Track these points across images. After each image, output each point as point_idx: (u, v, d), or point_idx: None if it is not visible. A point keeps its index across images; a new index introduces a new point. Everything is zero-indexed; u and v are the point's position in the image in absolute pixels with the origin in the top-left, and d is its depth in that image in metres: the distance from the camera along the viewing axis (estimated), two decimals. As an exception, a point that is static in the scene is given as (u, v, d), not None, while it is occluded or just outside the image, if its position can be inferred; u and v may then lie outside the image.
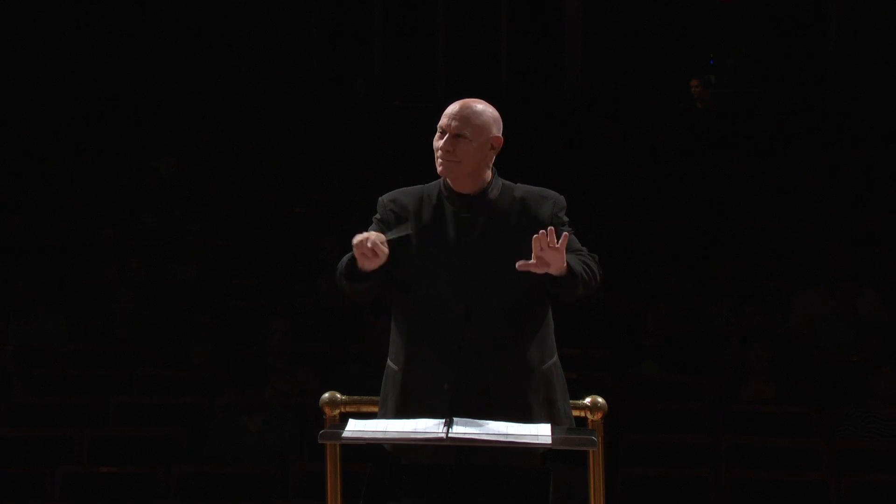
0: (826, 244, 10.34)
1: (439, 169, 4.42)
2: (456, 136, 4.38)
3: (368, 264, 4.19)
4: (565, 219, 4.44)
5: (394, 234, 4.30)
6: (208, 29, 14.13)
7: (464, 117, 4.40)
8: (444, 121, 4.42)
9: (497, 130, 4.44)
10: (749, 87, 14.64)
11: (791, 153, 12.79)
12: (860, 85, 14.11)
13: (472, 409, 4.27)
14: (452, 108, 4.45)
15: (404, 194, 4.48)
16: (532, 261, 4.18)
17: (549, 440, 4.13)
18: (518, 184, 4.49)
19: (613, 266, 10.56)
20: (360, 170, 12.44)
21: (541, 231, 4.18)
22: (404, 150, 12.53)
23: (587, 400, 4.53)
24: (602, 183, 12.20)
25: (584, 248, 4.44)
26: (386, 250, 4.19)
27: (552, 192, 4.48)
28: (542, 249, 4.16)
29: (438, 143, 4.41)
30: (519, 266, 4.19)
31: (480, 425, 4.13)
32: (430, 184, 4.50)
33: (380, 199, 4.50)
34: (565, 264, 4.22)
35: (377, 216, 4.47)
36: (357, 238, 4.18)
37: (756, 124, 13.56)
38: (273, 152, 13.28)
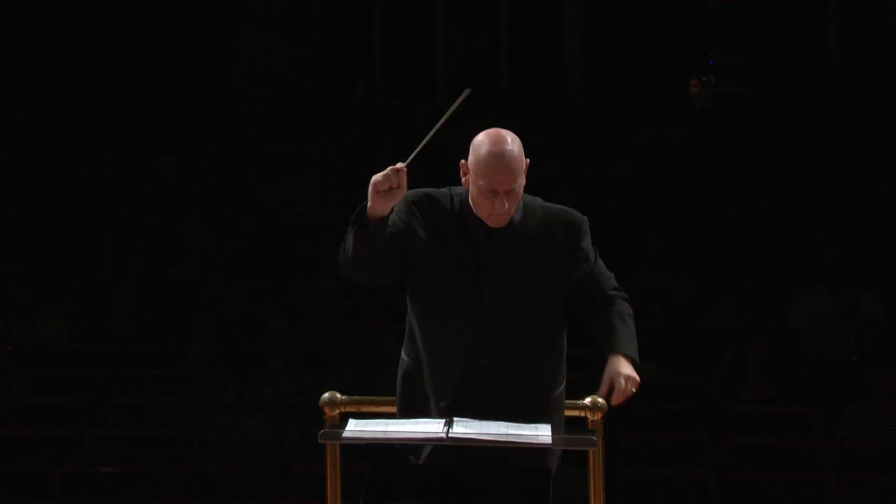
0: (826, 244, 10.34)
1: (492, 224, 4.23)
2: (509, 192, 4.20)
3: (385, 203, 4.07)
4: (588, 247, 4.34)
5: (413, 155, 4.16)
6: (208, 29, 14.13)
7: (513, 171, 4.18)
8: (489, 182, 4.17)
9: (525, 157, 4.28)
10: (749, 87, 14.64)
11: (791, 153, 12.79)
12: (860, 85, 14.11)
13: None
14: (494, 163, 4.17)
15: (429, 198, 4.32)
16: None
17: (549, 440, 4.13)
18: (537, 200, 4.35)
19: (613, 266, 10.55)
20: (361, 170, 12.42)
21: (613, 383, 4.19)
22: (404, 150, 12.51)
23: (587, 400, 4.52)
24: (602, 183, 12.20)
25: (611, 281, 4.41)
26: (405, 187, 4.08)
27: (574, 215, 4.35)
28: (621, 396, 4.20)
29: (489, 202, 4.18)
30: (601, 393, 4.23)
31: (480, 425, 4.13)
32: (454, 191, 4.34)
33: (405, 194, 4.26)
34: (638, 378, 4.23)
35: (398, 215, 4.30)
36: (378, 175, 4.06)
37: (756, 124, 13.55)
38: (273, 152, 13.28)
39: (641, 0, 14.34)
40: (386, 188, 4.07)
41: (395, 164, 4.09)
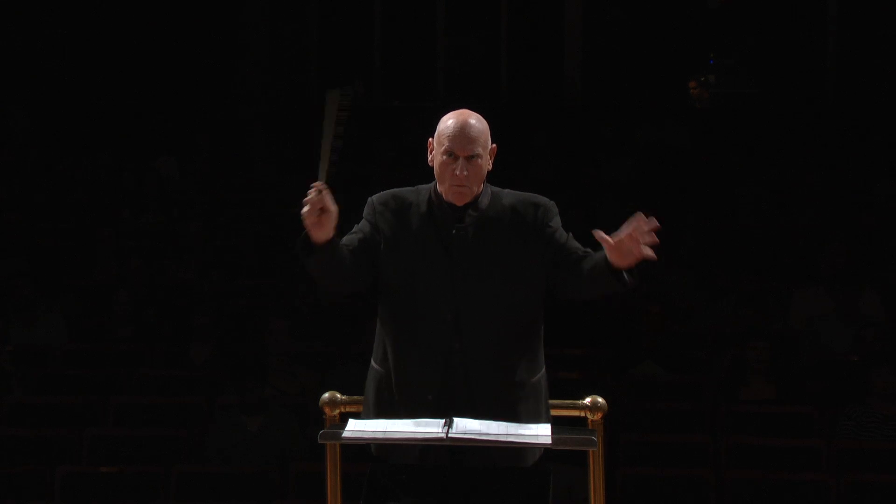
0: (826, 244, 10.34)
1: (454, 198, 4.27)
2: (469, 159, 4.25)
3: (320, 231, 4.04)
4: (558, 225, 4.35)
5: (323, 171, 4.09)
6: (208, 28, 14.13)
7: (472, 137, 4.23)
8: (450, 144, 4.23)
9: (490, 138, 4.34)
10: (749, 87, 14.64)
11: (791, 153, 12.79)
12: (860, 85, 14.12)
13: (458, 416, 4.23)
14: (455, 128, 4.25)
15: (395, 198, 4.36)
16: (612, 242, 4.04)
17: (549, 440, 4.13)
18: (506, 190, 4.40)
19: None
20: (360, 170, 12.44)
21: (639, 216, 4.04)
22: (404, 150, 12.53)
23: (587, 400, 4.53)
24: (602, 183, 12.20)
25: (588, 250, 4.37)
26: (333, 207, 4.03)
27: (542, 198, 4.38)
28: (631, 237, 4.02)
29: (450, 169, 4.24)
30: (597, 236, 4.04)
31: (480, 425, 4.13)
32: (421, 187, 4.39)
33: (370, 199, 4.40)
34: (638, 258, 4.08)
35: (366, 218, 4.37)
36: (305, 207, 4.03)
37: (756, 124, 13.56)
38: (272, 152, 13.29)
39: (641, 0, 14.34)
40: (316, 215, 4.04)
41: (314, 189, 4.04)
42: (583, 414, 4.52)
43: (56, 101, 13.77)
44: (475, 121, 4.29)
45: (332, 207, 4.04)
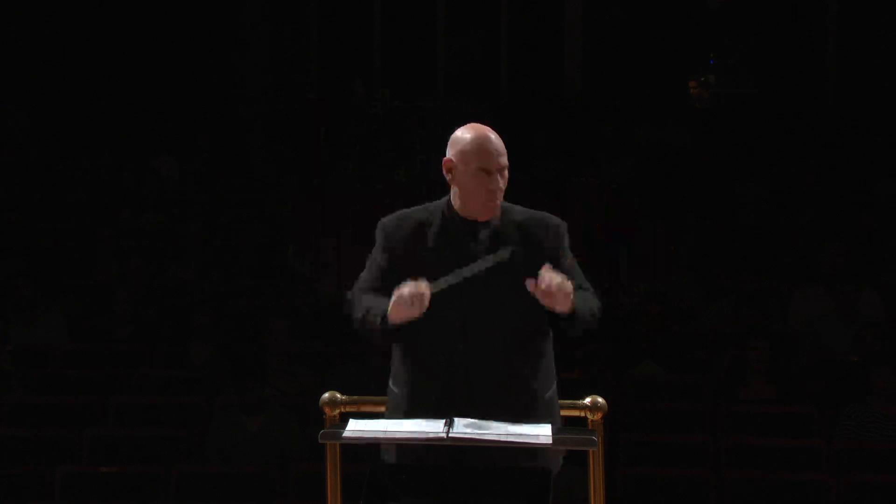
0: (826, 244, 10.35)
1: (486, 212, 4.31)
2: (501, 171, 4.31)
3: (406, 315, 4.13)
4: (567, 249, 4.38)
5: (441, 286, 4.20)
6: (208, 28, 14.13)
7: (501, 150, 4.31)
8: (485, 161, 4.27)
9: None
10: (749, 87, 14.64)
11: (791, 153, 12.79)
12: (860, 85, 14.12)
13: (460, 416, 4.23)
14: (483, 144, 4.29)
15: (406, 219, 4.39)
16: (537, 291, 4.13)
17: (549, 440, 4.13)
18: (517, 206, 4.41)
19: (613, 266, 10.58)
20: (360, 170, 12.44)
21: (543, 272, 4.11)
22: (404, 149, 12.53)
23: (587, 400, 4.53)
24: (602, 183, 12.19)
25: (586, 283, 4.39)
26: (426, 307, 4.12)
27: (553, 219, 4.41)
28: (547, 286, 4.10)
29: (485, 184, 4.28)
30: (529, 286, 4.13)
31: (481, 426, 4.13)
32: (430, 205, 4.42)
33: (380, 223, 4.40)
34: (570, 305, 4.16)
35: (379, 245, 4.39)
36: (405, 292, 4.10)
37: (756, 124, 13.55)
38: (272, 152, 13.28)
39: (641, 0, 14.34)
40: (408, 305, 4.12)
41: (419, 288, 4.12)
42: (583, 414, 4.52)
43: (56, 101, 13.76)
44: (493, 133, 4.33)
45: (425, 306, 4.12)
